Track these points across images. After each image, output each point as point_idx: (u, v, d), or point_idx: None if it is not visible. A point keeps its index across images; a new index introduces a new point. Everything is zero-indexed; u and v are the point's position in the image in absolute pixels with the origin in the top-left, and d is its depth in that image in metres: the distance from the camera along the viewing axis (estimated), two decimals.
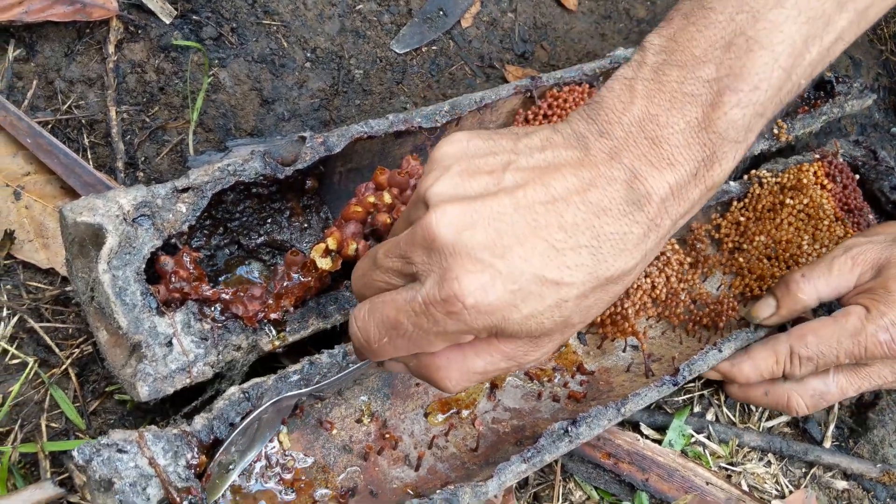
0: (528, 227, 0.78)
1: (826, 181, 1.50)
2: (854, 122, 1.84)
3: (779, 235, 1.42)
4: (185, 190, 1.03)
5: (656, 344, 1.34)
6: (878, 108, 1.88)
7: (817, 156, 1.54)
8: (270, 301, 1.05)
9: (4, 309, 1.15)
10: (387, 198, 1.10)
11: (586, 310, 0.82)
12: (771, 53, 0.82)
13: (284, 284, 1.06)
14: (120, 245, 0.97)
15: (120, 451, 0.88)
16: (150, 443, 0.90)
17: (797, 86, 0.87)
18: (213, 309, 1.02)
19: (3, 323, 1.15)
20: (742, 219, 1.45)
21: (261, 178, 1.08)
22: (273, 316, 1.05)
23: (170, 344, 0.98)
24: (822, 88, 1.65)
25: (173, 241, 1.02)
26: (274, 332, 1.06)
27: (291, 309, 1.07)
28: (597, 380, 1.25)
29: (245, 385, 0.99)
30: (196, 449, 0.93)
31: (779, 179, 1.48)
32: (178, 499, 0.88)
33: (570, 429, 1.09)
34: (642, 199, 0.80)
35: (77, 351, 1.15)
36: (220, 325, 1.02)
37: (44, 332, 1.15)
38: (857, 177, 1.57)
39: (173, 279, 1.00)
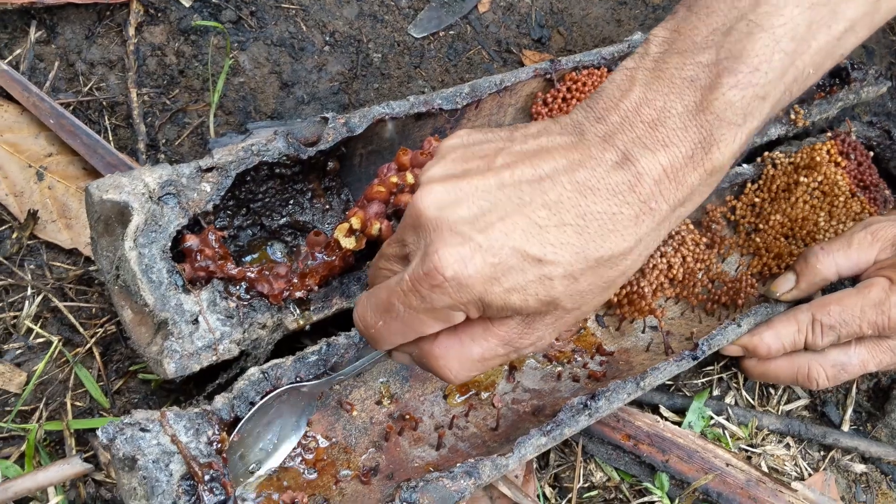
0: (512, 204, 0.79)
1: (840, 158, 1.49)
2: (868, 110, 1.83)
3: (795, 214, 1.42)
4: (209, 169, 1.04)
5: (675, 324, 1.34)
6: (892, 96, 1.88)
7: (829, 135, 1.54)
8: (295, 280, 1.06)
9: (29, 288, 1.16)
10: (409, 178, 1.10)
11: (579, 295, 0.82)
12: (771, 36, 0.83)
13: (308, 263, 1.06)
14: (146, 223, 0.97)
15: (143, 429, 0.89)
16: (172, 421, 0.91)
17: (804, 74, 0.87)
18: (238, 287, 1.03)
19: (27, 302, 1.15)
20: (757, 200, 1.46)
21: (284, 158, 1.08)
22: (298, 294, 1.05)
23: (196, 322, 0.98)
24: (837, 75, 1.65)
25: (198, 220, 1.03)
26: (298, 311, 1.06)
27: (315, 288, 1.07)
28: (616, 360, 1.26)
29: (265, 366, 1.00)
30: (217, 426, 0.93)
31: (792, 159, 1.48)
32: (200, 473, 0.88)
33: (589, 403, 1.09)
34: (633, 180, 0.80)
35: (101, 330, 1.16)
36: (245, 303, 1.03)
37: (68, 311, 1.16)
38: (872, 154, 1.57)
39: (198, 258, 1.00)
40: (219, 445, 0.93)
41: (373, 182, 1.10)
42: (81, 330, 1.16)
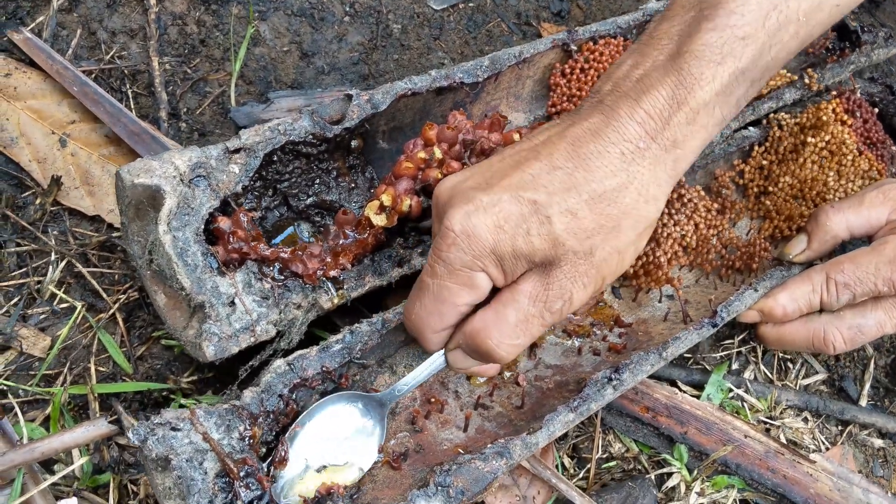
0: (511, 167, 0.90)
1: (845, 117, 1.49)
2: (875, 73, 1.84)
3: (803, 175, 1.42)
4: (237, 150, 1.04)
5: (691, 292, 1.34)
6: None
7: (834, 93, 1.54)
8: (329, 259, 1.06)
9: (52, 253, 1.17)
10: (437, 153, 1.10)
11: (584, 234, 0.89)
12: None
13: (340, 242, 1.07)
14: (178, 206, 0.98)
15: (174, 428, 0.88)
16: (203, 419, 0.91)
17: (793, 19, 0.94)
18: (272, 268, 1.03)
19: (51, 267, 1.16)
20: (765, 163, 1.46)
21: (310, 136, 1.09)
22: (332, 273, 1.06)
23: (232, 304, 0.99)
24: (847, 38, 1.65)
25: (227, 202, 1.03)
26: (333, 290, 1.06)
27: (349, 266, 1.08)
28: (635, 331, 1.26)
29: (290, 357, 1.00)
30: (248, 421, 0.94)
31: (798, 120, 1.48)
32: (235, 470, 0.89)
33: (613, 376, 1.10)
34: (615, 124, 0.89)
35: (123, 297, 1.16)
36: (279, 284, 1.03)
37: (91, 276, 1.17)
38: (876, 111, 1.58)
39: (231, 239, 1.00)
40: (251, 441, 0.93)
41: (400, 159, 1.10)
42: (105, 295, 1.16)
